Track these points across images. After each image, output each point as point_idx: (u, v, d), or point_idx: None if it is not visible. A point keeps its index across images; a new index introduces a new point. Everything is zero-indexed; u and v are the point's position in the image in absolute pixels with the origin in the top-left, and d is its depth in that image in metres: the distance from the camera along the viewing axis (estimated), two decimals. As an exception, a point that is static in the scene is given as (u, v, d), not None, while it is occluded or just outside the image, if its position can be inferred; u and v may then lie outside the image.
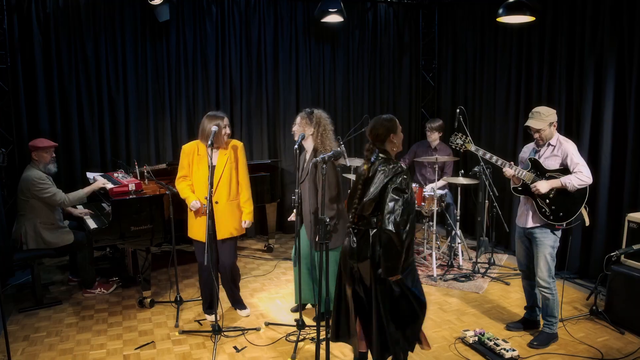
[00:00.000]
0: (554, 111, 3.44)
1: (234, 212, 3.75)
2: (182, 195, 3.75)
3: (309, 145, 3.77)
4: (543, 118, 3.38)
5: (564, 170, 3.40)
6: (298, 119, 3.75)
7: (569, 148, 3.41)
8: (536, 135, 3.44)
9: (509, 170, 3.48)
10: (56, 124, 5.36)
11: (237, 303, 4.10)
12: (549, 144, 3.47)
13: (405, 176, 2.68)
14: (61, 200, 4.19)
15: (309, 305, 4.12)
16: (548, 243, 3.45)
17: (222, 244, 3.76)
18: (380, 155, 2.78)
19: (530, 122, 3.42)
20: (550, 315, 3.53)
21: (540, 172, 3.44)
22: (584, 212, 3.44)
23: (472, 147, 3.57)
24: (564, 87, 4.91)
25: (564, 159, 3.41)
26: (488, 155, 3.54)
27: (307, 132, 3.70)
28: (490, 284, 4.75)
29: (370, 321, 2.81)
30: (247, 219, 3.78)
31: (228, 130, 3.68)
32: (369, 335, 2.86)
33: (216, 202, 3.64)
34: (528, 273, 3.67)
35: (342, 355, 3.46)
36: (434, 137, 5.49)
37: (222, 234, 3.71)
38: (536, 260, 3.50)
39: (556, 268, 3.60)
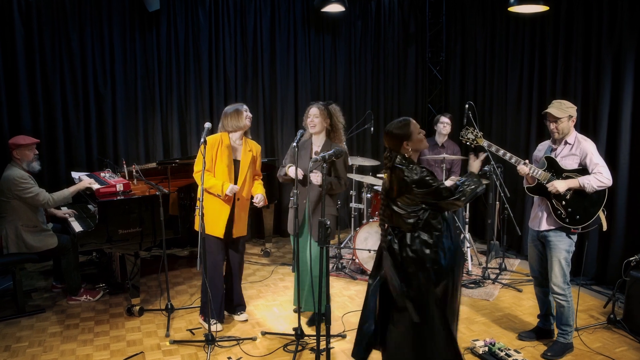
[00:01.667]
0: (575, 107, 3.46)
1: (247, 212, 3.99)
2: (213, 186, 3.70)
3: (320, 139, 3.84)
4: (563, 108, 3.40)
5: (582, 170, 3.41)
6: (316, 111, 3.82)
7: (588, 147, 3.41)
8: (552, 126, 3.44)
9: (523, 168, 3.49)
10: (39, 120, 5.37)
11: (241, 305, 4.14)
12: (566, 142, 3.47)
13: (428, 174, 2.80)
14: (45, 200, 4.20)
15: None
16: (563, 247, 3.45)
17: (236, 242, 3.96)
18: (400, 160, 2.87)
19: (550, 110, 3.42)
20: (565, 324, 3.54)
21: (556, 171, 3.44)
22: (601, 215, 3.44)
23: (484, 143, 3.56)
24: (579, 82, 4.91)
25: (582, 158, 3.41)
26: (501, 152, 3.54)
27: (324, 124, 3.82)
28: (501, 291, 4.76)
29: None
30: (259, 192, 3.97)
31: (250, 114, 3.89)
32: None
33: (238, 199, 3.84)
34: (541, 279, 3.68)
35: (343, 366, 3.47)
36: (447, 130, 5.49)
37: (239, 231, 3.92)
38: (550, 265, 3.50)
39: (571, 274, 3.59)
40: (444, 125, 5.45)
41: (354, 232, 5.34)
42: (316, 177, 3.70)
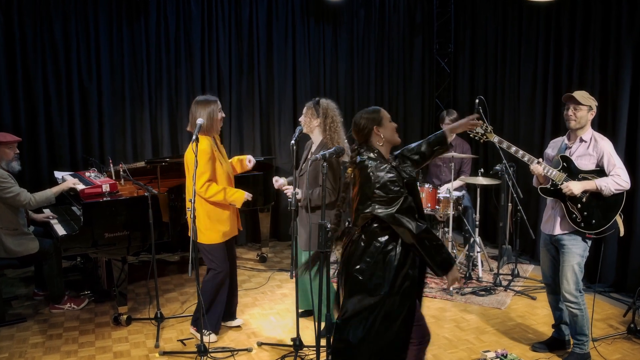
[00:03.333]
0: (597, 103, 3.49)
1: None
2: (230, 196, 3.70)
3: (316, 138, 3.87)
4: (587, 97, 3.43)
5: (599, 172, 3.41)
6: (304, 109, 3.90)
7: (606, 147, 3.42)
8: (571, 111, 3.44)
9: (537, 168, 3.49)
10: (20, 116, 5.37)
11: (233, 311, 4.17)
12: (582, 140, 3.48)
13: (393, 179, 2.68)
14: (26, 201, 4.20)
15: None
16: (577, 252, 3.46)
17: (230, 242, 3.98)
18: (369, 155, 2.78)
19: (575, 93, 3.43)
20: (580, 334, 3.54)
21: (572, 172, 3.45)
22: (619, 220, 3.45)
23: (494, 138, 3.55)
24: (597, 75, 4.92)
25: (599, 159, 3.42)
26: (513, 149, 3.54)
27: (313, 123, 3.83)
28: (513, 299, 4.76)
29: None
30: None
31: (223, 114, 3.90)
32: None
33: None
34: (554, 287, 3.68)
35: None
36: None
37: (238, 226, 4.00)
38: (562, 271, 3.51)
39: (589, 280, 3.61)
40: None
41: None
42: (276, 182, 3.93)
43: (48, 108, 5.51)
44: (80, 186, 4.32)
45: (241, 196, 3.72)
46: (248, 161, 4.06)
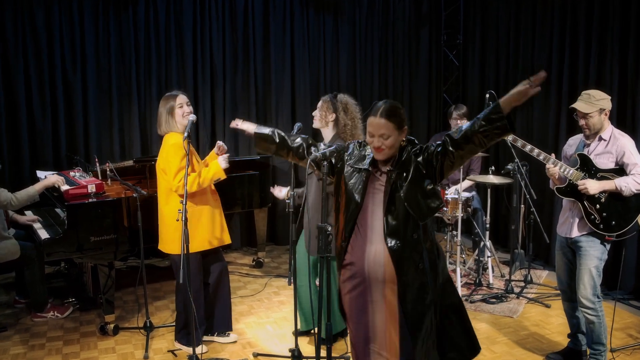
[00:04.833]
0: (608, 97, 3.46)
1: None
2: (208, 176, 3.62)
3: (328, 133, 3.87)
4: (593, 102, 3.41)
5: (619, 170, 3.42)
6: (320, 104, 3.89)
7: (626, 144, 3.42)
8: (582, 122, 3.46)
9: (553, 168, 3.50)
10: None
11: (227, 324, 4.13)
12: (601, 138, 3.48)
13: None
14: (7, 201, 4.18)
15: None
16: (595, 254, 3.46)
17: (219, 250, 3.98)
18: None
19: (577, 105, 3.44)
20: (597, 343, 3.54)
21: (590, 171, 3.45)
22: None
23: (508, 136, 3.57)
24: (616, 69, 4.92)
25: (619, 157, 3.42)
26: (528, 148, 3.55)
27: (328, 118, 3.84)
28: (526, 307, 4.77)
29: None
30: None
31: (188, 109, 3.79)
32: None
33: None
34: (570, 293, 3.68)
35: (346, 392, 3.47)
36: None
37: (229, 236, 3.99)
38: (579, 275, 3.51)
39: (607, 287, 3.60)
40: (456, 122, 5.47)
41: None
42: (278, 192, 3.98)
43: (30, 103, 5.50)
44: (64, 187, 4.32)
45: (216, 166, 3.63)
46: (218, 147, 3.83)
